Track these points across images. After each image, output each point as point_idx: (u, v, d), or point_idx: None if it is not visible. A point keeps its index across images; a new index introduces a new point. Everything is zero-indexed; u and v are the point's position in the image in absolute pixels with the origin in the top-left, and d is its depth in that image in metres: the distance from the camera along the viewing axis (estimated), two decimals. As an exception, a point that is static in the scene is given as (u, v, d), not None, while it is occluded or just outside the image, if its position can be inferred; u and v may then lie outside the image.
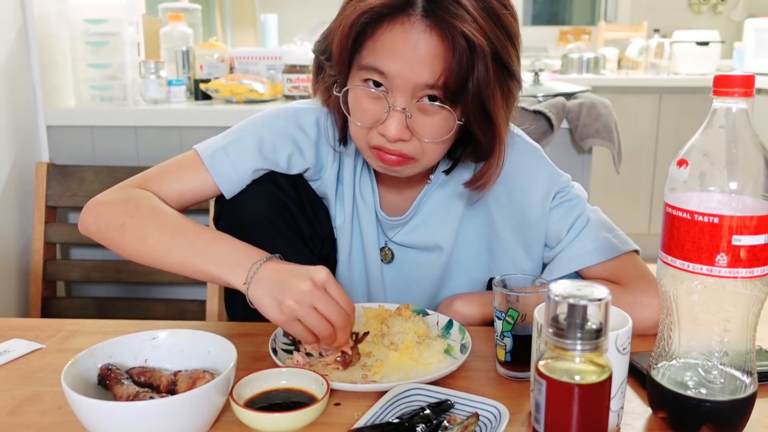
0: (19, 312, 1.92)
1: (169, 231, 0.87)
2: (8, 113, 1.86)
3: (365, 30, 0.82)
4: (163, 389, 0.71)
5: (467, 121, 0.86)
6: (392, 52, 0.81)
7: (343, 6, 0.86)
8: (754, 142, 0.63)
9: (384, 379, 0.78)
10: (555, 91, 2.14)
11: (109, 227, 0.90)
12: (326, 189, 1.02)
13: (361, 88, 0.86)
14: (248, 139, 0.97)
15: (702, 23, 4.11)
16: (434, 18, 0.79)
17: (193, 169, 0.97)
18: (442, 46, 0.80)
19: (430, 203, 1.02)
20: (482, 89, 0.82)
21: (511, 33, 0.84)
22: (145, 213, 0.89)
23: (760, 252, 0.62)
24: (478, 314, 0.97)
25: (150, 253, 0.87)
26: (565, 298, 0.55)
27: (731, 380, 0.66)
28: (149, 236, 0.87)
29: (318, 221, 1.02)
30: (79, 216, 0.95)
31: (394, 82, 0.83)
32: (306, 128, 0.99)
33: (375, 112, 0.86)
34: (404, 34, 0.80)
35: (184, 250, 0.84)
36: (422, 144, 0.87)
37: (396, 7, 0.80)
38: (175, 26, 2.28)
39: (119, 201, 0.92)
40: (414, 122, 0.85)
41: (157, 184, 0.95)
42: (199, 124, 1.96)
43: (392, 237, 1.04)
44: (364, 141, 0.89)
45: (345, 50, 0.84)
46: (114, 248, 0.91)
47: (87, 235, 0.94)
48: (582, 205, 1.01)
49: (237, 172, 0.96)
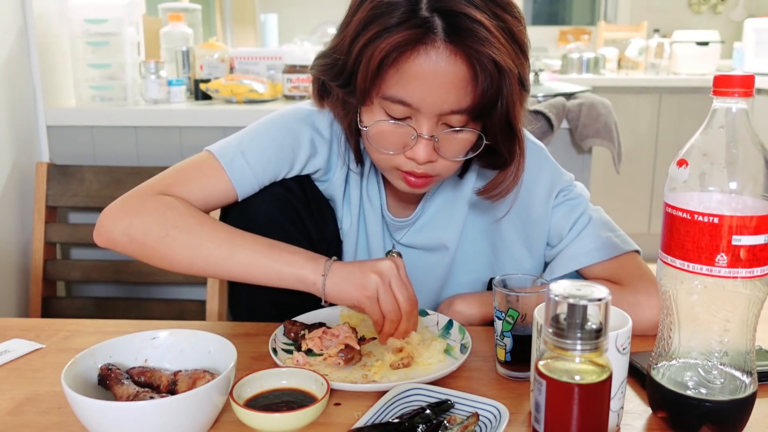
0: (19, 312, 1.92)
1: (224, 237, 0.87)
2: (8, 113, 1.86)
3: (387, 61, 0.80)
4: (163, 389, 0.71)
5: (493, 138, 0.86)
6: (418, 82, 0.80)
7: (351, 34, 0.82)
8: (754, 142, 0.63)
9: (384, 379, 0.78)
10: (555, 91, 2.14)
11: (148, 239, 0.87)
12: (334, 191, 1.01)
13: (385, 122, 0.85)
14: (267, 143, 0.95)
15: (702, 23, 4.11)
16: (458, 43, 0.77)
17: (214, 175, 0.93)
18: (469, 71, 0.79)
19: (436, 203, 1.02)
20: (510, 108, 0.82)
21: (524, 48, 0.83)
22: (191, 222, 0.88)
23: (760, 252, 0.62)
24: (478, 314, 0.97)
25: (207, 259, 0.86)
26: (565, 298, 0.55)
27: (731, 380, 0.66)
28: (203, 244, 0.86)
29: (325, 223, 1.01)
30: (96, 227, 0.91)
31: (420, 110, 0.82)
32: (321, 130, 0.98)
33: (400, 140, 0.85)
34: (429, 62, 0.78)
35: (248, 253, 0.85)
36: (447, 162, 0.87)
37: (417, 38, 0.78)
38: (175, 26, 2.28)
39: (151, 211, 0.88)
40: (441, 145, 0.85)
41: (181, 190, 0.92)
42: (199, 124, 1.96)
43: (399, 239, 1.04)
44: (389, 165, 0.89)
45: (369, 84, 0.82)
46: (155, 259, 0.88)
47: (110, 248, 0.91)
48: (584, 204, 1.01)
49: (256, 178, 0.94)
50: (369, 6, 0.80)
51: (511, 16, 0.81)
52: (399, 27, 0.78)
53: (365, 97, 0.85)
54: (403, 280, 0.83)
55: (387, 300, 0.82)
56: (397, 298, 0.82)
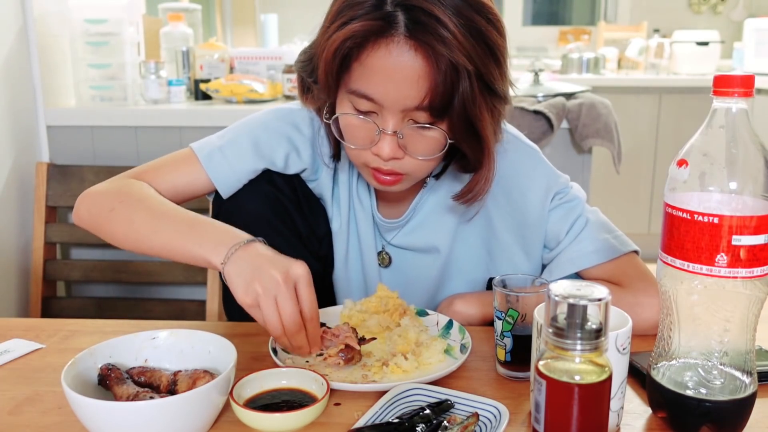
0: (19, 312, 1.92)
1: (155, 214, 0.87)
2: (8, 113, 1.86)
3: (350, 53, 0.81)
4: (163, 389, 0.71)
5: (455, 138, 0.86)
6: (379, 76, 0.80)
7: (323, 28, 0.84)
8: (754, 142, 0.63)
9: (384, 379, 0.78)
10: (555, 91, 2.14)
11: (100, 214, 0.91)
12: (323, 190, 1.02)
13: (351, 115, 0.86)
14: (244, 138, 0.98)
15: (702, 23, 4.11)
16: (417, 38, 0.78)
17: (187, 165, 0.98)
18: (427, 66, 0.79)
19: (427, 206, 1.02)
20: (468, 107, 0.81)
21: (494, 50, 0.82)
22: (134, 198, 0.90)
23: (759, 252, 0.62)
24: (478, 314, 0.97)
25: (136, 235, 0.87)
26: (565, 298, 0.55)
27: (731, 380, 0.66)
28: (136, 219, 0.88)
29: (315, 221, 1.02)
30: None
31: (383, 105, 0.82)
32: (301, 127, 0.99)
33: (367, 134, 0.86)
34: (389, 56, 0.79)
35: (169, 232, 0.84)
36: (415, 161, 0.87)
37: (378, 30, 0.79)
38: (175, 26, 2.28)
39: (112, 190, 0.93)
40: (406, 142, 0.85)
41: (151, 175, 0.96)
42: (199, 124, 1.96)
43: (390, 240, 1.04)
44: (359, 160, 0.90)
45: (331, 76, 0.83)
46: (104, 235, 0.91)
47: (80, 225, 0.95)
48: (581, 206, 1.00)
49: (234, 172, 0.97)
50: (342, 0, 0.82)
51: (482, 17, 0.80)
52: (360, 18, 0.79)
53: (330, 90, 0.86)
54: (299, 293, 0.76)
55: (268, 312, 0.74)
56: (281, 313, 0.75)
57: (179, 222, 0.85)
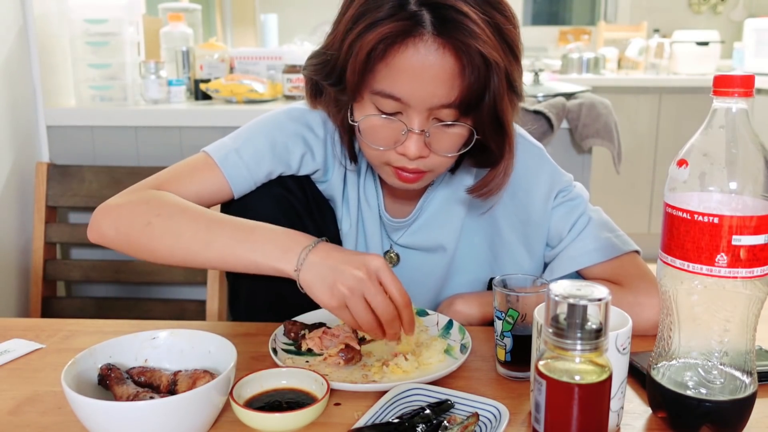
0: (19, 312, 1.92)
1: (203, 224, 0.84)
2: (8, 113, 1.86)
3: (377, 54, 0.80)
4: (163, 389, 0.71)
5: (482, 133, 0.86)
6: (407, 76, 0.80)
7: (342, 31, 0.83)
8: (754, 142, 0.63)
9: (384, 379, 0.78)
10: (555, 91, 2.14)
11: (133, 229, 0.86)
12: (333, 191, 1.01)
13: (376, 116, 0.84)
14: (261, 140, 0.96)
15: (702, 23, 4.11)
16: (446, 36, 0.78)
17: (207, 171, 0.94)
18: (458, 64, 0.79)
19: (434, 204, 1.02)
20: (497, 102, 0.82)
21: (514, 49, 0.83)
22: (172, 209, 0.86)
23: (760, 252, 0.62)
24: (479, 314, 0.97)
25: (185, 249, 0.83)
26: (565, 298, 0.55)
27: (731, 380, 0.66)
28: (182, 232, 0.83)
29: (324, 223, 1.01)
30: (89, 223, 0.90)
31: (410, 105, 0.82)
32: (315, 128, 0.98)
33: (391, 135, 0.85)
34: (417, 56, 0.78)
35: (225, 241, 0.81)
36: (439, 157, 0.87)
37: (406, 30, 0.78)
38: (175, 26, 2.28)
39: (138, 201, 0.88)
40: (432, 140, 0.85)
41: (174, 186, 0.92)
42: (199, 124, 1.96)
43: (397, 239, 1.04)
44: (380, 160, 0.89)
45: (359, 78, 0.82)
46: (139, 251, 0.86)
47: (101, 243, 0.89)
48: (584, 205, 1.01)
49: (251, 174, 0.94)
50: (360, 2, 0.81)
51: (501, 14, 0.80)
52: (387, 20, 0.78)
53: (356, 93, 0.85)
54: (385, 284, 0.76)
55: (359, 310, 0.75)
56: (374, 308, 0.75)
57: (233, 231, 0.82)
